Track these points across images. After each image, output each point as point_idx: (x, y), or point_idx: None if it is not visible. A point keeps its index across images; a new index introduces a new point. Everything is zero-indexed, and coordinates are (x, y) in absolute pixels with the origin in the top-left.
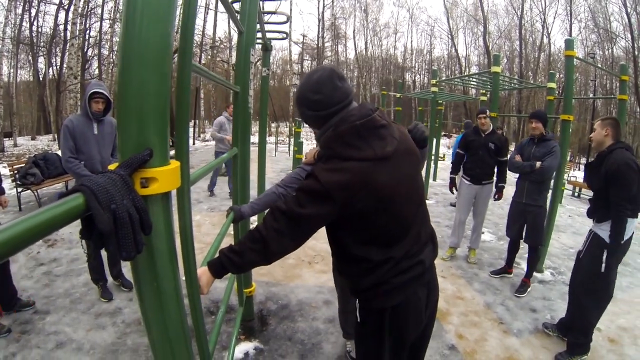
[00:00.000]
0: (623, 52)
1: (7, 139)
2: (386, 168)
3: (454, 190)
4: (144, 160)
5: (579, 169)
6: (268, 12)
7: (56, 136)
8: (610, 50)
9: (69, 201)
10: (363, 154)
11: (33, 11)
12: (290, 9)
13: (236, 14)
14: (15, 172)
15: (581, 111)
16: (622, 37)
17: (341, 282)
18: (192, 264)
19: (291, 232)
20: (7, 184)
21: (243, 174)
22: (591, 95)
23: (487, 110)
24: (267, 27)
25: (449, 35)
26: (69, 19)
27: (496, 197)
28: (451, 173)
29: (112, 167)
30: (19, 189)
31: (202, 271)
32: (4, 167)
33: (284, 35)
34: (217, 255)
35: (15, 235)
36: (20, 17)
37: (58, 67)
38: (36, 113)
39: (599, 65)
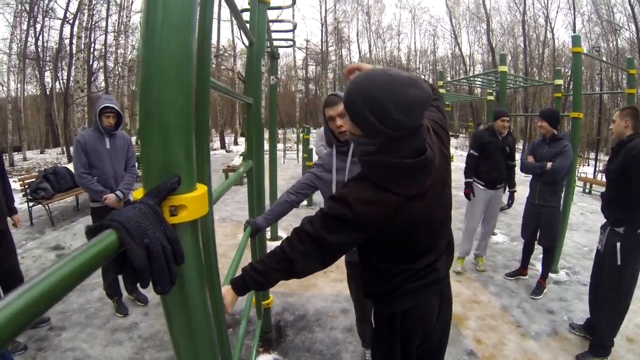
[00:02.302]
0: (627, 43)
1: (17, 152)
2: (423, 199)
3: (471, 197)
4: (172, 189)
5: (588, 164)
6: (275, 21)
7: (64, 149)
8: (614, 42)
9: (102, 240)
10: (403, 190)
11: (38, 26)
12: (293, 15)
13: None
14: (26, 186)
15: (588, 105)
16: (626, 29)
17: (356, 291)
18: (217, 285)
19: (319, 255)
20: (17, 198)
21: (258, 186)
22: (597, 89)
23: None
24: (273, 35)
25: (452, 35)
26: (74, 32)
27: (510, 202)
28: (467, 177)
29: (137, 194)
30: (30, 204)
31: (226, 290)
32: (15, 181)
33: (291, 43)
34: (239, 272)
35: (52, 287)
36: (25, 32)
37: (64, 80)
38: (44, 127)
39: (605, 60)
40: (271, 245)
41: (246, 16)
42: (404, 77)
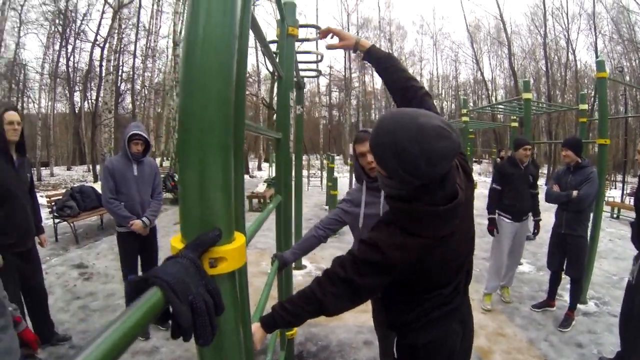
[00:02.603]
0: None
1: (44, 168)
2: (452, 237)
3: (495, 233)
4: (213, 243)
5: (615, 187)
6: (302, 52)
7: (91, 167)
8: (637, 61)
9: (149, 300)
10: (434, 233)
11: (69, 48)
12: (317, 43)
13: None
14: (53, 203)
15: (613, 127)
16: None
17: (381, 328)
18: (249, 326)
19: (350, 297)
20: (44, 214)
21: (286, 220)
22: (622, 109)
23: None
24: (300, 65)
25: (474, 60)
26: (104, 55)
27: (535, 232)
28: (489, 212)
29: (175, 242)
30: (56, 220)
31: (256, 328)
32: (41, 196)
33: (317, 73)
34: (268, 306)
35: (107, 351)
36: (57, 53)
37: (93, 100)
38: (72, 144)
39: (629, 79)
40: (295, 274)
41: (272, 45)
42: (434, 126)
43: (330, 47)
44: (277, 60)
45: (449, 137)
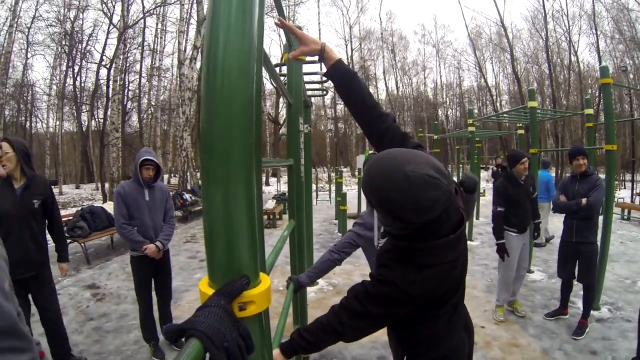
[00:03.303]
0: None
1: (53, 186)
2: (459, 261)
3: (506, 257)
4: (242, 290)
5: (624, 187)
6: (309, 73)
7: (99, 186)
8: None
9: (191, 353)
10: (444, 260)
11: (76, 68)
12: (321, 66)
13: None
14: (64, 224)
15: (620, 125)
16: None
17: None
18: (270, 352)
19: (368, 327)
20: None
21: (300, 244)
22: (627, 107)
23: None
24: (306, 85)
25: (477, 66)
26: (111, 76)
27: (536, 235)
28: (497, 237)
29: (204, 287)
30: (67, 241)
31: (277, 354)
32: None
33: (323, 93)
34: (286, 332)
35: None
36: (64, 73)
37: (100, 119)
38: (80, 163)
39: (636, 81)
40: (308, 291)
41: (277, 65)
42: (421, 176)
43: (293, 57)
44: (286, 86)
45: (437, 185)
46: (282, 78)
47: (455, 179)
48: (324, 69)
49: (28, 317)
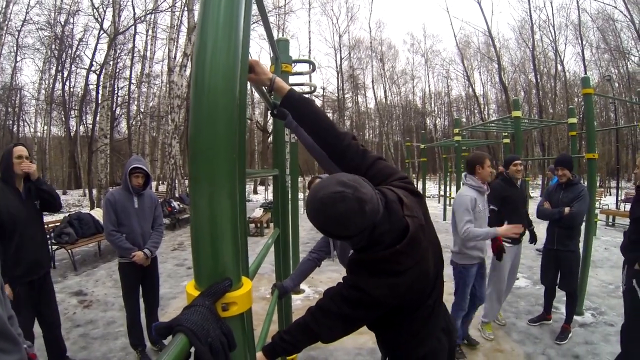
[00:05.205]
0: (638, 65)
1: None
2: (427, 256)
3: (496, 268)
4: (225, 292)
5: (610, 194)
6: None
7: (87, 192)
8: (625, 67)
9: (178, 345)
10: (404, 267)
11: (65, 72)
12: (310, 77)
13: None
14: (50, 230)
15: (605, 133)
16: (635, 56)
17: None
18: (253, 354)
19: (344, 328)
20: None
21: (284, 251)
22: (612, 115)
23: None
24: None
25: (465, 76)
26: (100, 82)
27: (533, 242)
28: (493, 234)
29: (190, 289)
30: (54, 247)
31: (260, 357)
32: None
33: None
34: (269, 337)
35: None
36: (53, 77)
37: (89, 125)
38: (67, 168)
39: (620, 90)
40: (295, 299)
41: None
42: (329, 195)
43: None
44: (272, 98)
45: (342, 198)
46: None
47: (442, 187)
48: (314, 80)
49: (32, 320)
